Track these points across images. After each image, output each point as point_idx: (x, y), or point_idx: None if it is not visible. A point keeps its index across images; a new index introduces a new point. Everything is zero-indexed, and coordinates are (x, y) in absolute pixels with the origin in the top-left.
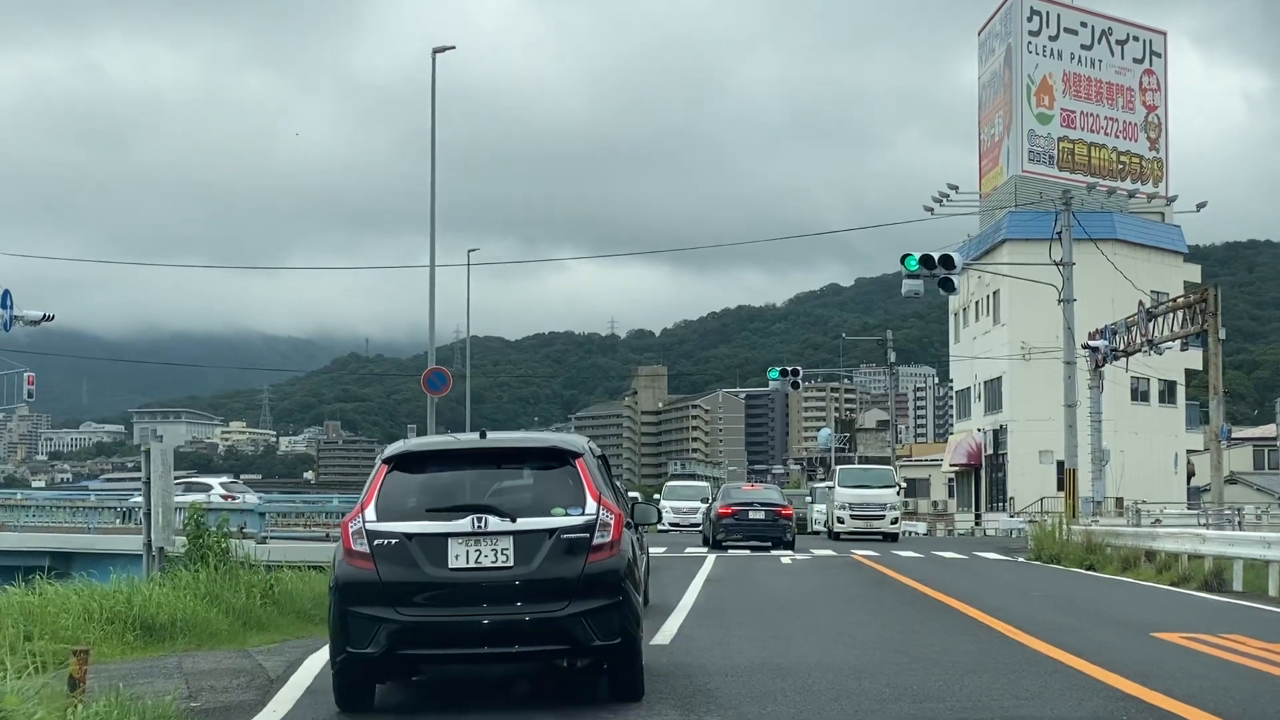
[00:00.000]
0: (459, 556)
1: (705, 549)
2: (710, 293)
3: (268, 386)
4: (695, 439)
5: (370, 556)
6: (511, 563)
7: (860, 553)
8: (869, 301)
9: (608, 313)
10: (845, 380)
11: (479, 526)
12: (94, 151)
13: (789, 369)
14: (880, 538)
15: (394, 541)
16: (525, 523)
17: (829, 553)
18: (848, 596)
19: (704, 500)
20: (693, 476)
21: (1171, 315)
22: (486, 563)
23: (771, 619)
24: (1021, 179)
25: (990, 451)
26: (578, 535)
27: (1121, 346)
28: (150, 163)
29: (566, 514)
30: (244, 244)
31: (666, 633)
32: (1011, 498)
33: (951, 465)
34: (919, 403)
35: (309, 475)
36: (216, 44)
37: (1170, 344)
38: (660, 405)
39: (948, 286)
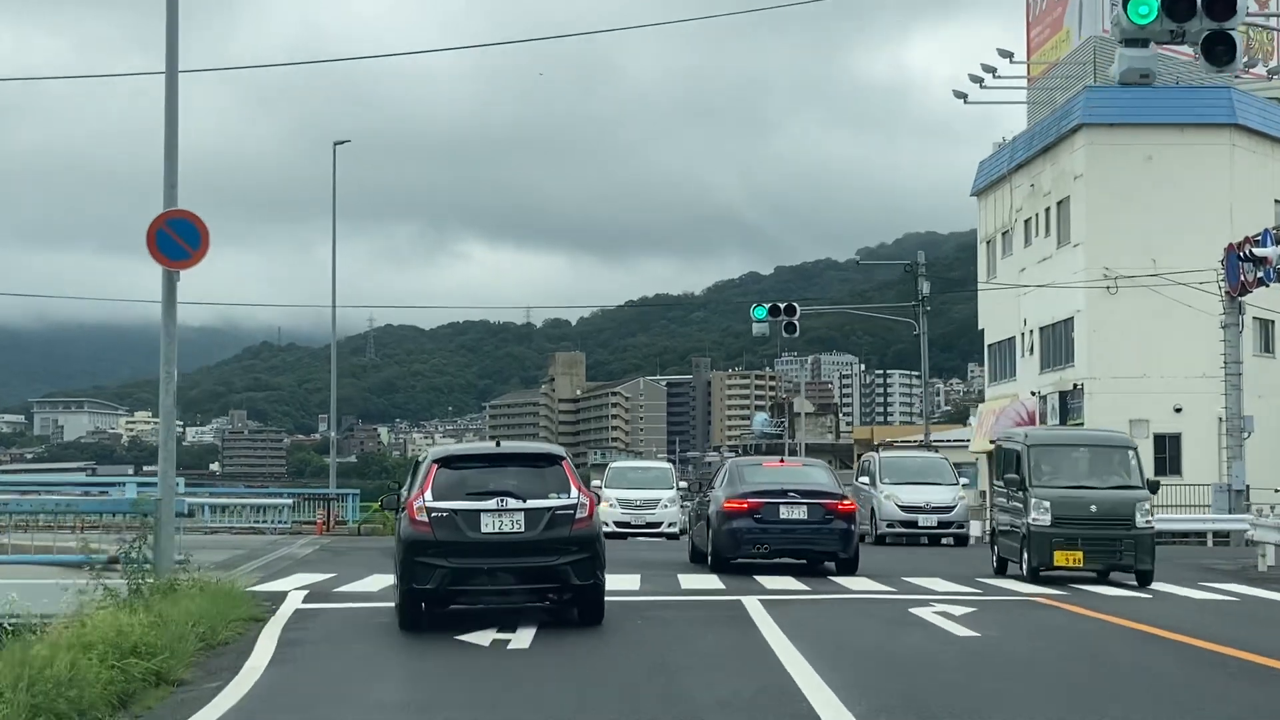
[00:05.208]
0: (488, 524)
1: (713, 576)
2: (627, 282)
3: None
4: (615, 427)
5: (429, 524)
6: (523, 529)
7: (1050, 592)
8: (788, 290)
9: (523, 302)
10: (768, 369)
11: (501, 505)
12: None
13: (780, 305)
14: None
15: (445, 514)
16: (532, 503)
17: (991, 590)
18: None
19: (669, 489)
20: (604, 466)
21: None
22: (506, 529)
23: None
24: (1101, 43)
25: (1056, 421)
26: (566, 511)
27: None
28: (34, 149)
29: (558, 497)
30: (139, 231)
31: None
32: None
33: (992, 443)
34: (845, 391)
35: (215, 466)
36: (93, 27)
37: None
38: (578, 393)
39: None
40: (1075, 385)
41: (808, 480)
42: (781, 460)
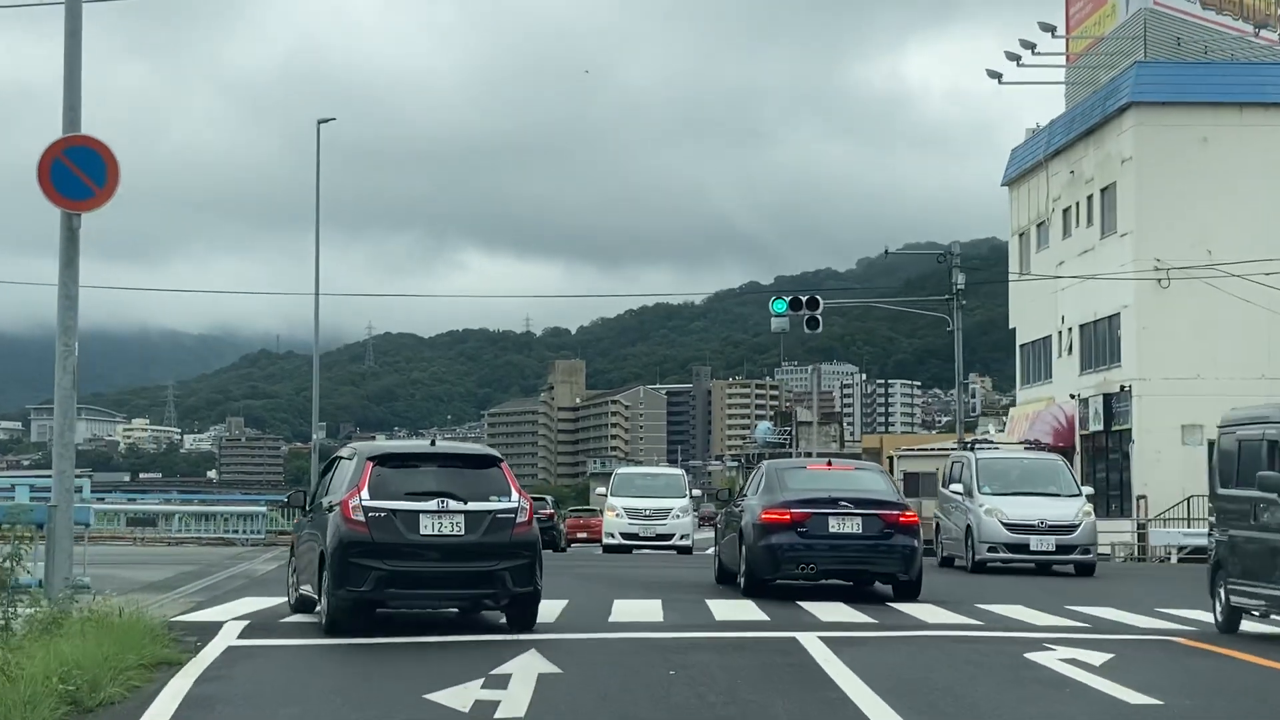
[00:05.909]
0: (428, 526)
1: (749, 602)
2: (627, 291)
3: (172, 382)
4: (615, 436)
5: (365, 524)
6: (463, 532)
7: (1163, 625)
8: None
9: (522, 310)
10: (769, 379)
11: (442, 506)
12: None
13: (803, 297)
14: None
15: (383, 514)
16: (473, 505)
17: (1100, 624)
18: None
19: (681, 497)
20: (604, 475)
21: None
22: (446, 531)
23: None
24: (1152, 14)
25: (1099, 427)
26: (507, 515)
27: None
28: (32, 153)
29: (499, 500)
30: (138, 239)
31: None
32: (1142, 496)
33: (1026, 448)
34: (846, 401)
35: (212, 474)
36: (91, 32)
37: None
38: (578, 401)
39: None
40: (1122, 387)
41: (861, 487)
42: (829, 463)
